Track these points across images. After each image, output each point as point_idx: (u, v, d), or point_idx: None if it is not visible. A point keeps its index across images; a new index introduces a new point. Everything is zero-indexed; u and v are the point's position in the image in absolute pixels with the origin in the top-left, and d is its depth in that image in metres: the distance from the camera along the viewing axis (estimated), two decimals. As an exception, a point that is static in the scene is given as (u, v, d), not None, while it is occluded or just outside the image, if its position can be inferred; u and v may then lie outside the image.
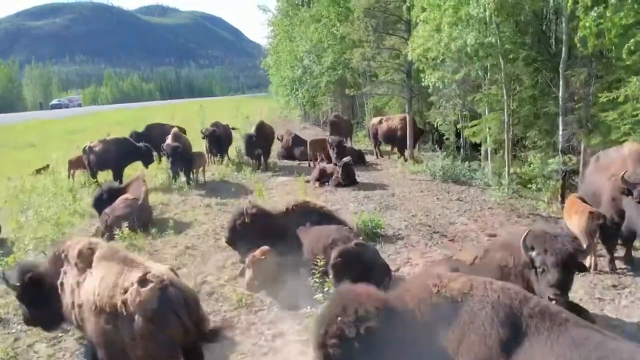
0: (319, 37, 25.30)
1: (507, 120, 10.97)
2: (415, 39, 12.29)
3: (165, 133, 18.06)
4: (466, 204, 10.54)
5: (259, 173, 15.10)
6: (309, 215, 7.31)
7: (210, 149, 17.04)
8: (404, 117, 17.04)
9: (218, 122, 18.09)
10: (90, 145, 14.41)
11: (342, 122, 20.59)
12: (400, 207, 10.45)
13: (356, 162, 15.99)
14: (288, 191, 12.64)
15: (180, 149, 13.38)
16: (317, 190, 12.54)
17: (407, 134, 16.28)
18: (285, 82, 36.59)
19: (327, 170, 13.05)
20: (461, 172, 12.79)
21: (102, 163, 14.23)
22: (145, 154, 14.28)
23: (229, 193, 12.86)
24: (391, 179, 13.49)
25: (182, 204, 12.04)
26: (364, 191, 12.03)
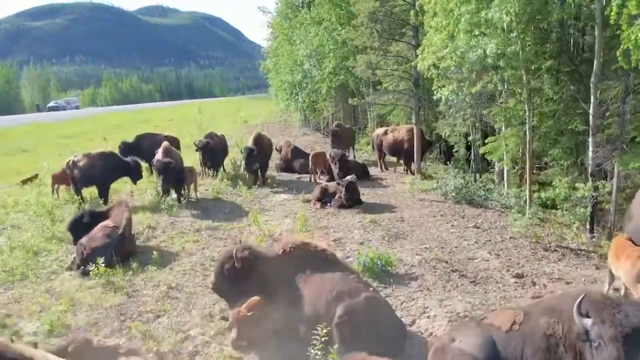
0: (319, 41, 24.25)
1: (529, 138, 9.89)
2: (425, 47, 11.22)
3: (156, 144, 17.03)
4: (485, 232, 9.46)
5: (255, 189, 14.02)
6: (309, 259, 6.22)
7: (204, 162, 15.99)
8: (410, 128, 15.97)
9: (213, 132, 17.03)
10: (74, 159, 13.35)
11: (344, 131, 19.50)
12: (411, 236, 9.37)
13: (360, 177, 14.94)
14: (287, 213, 11.57)
15: (172, 165, 12.33)
16: (318, 212, 11.46)
17: (415, 147, 15.21)
18: (284, 86, 35.57)
19: (329, 189, 11.98)
20: (475, 192, 11.70)
21: (87, 179, 13.17)
22: (133, 170, 13.23)
23: (222, 214, 11.79)
24: (399, 199, 12.41)
25: (170, 227, 10.97)
26: (370, 214, 10.95)
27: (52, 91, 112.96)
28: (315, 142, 27.46)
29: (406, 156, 16.07)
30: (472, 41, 9.08)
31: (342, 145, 19.26)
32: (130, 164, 12.87)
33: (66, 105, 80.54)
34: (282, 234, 9.82)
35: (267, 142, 15.41)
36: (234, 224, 10.84)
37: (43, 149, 28.04)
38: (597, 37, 8.35)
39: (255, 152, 13.99)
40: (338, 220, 10.68)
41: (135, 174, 13.20)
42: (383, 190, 13.46)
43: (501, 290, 6.95)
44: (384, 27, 14.18)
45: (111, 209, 9.63)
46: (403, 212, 11.00)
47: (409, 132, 15.90)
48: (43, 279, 8.43)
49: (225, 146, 17.10)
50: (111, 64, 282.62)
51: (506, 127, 11.29)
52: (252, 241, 9.30)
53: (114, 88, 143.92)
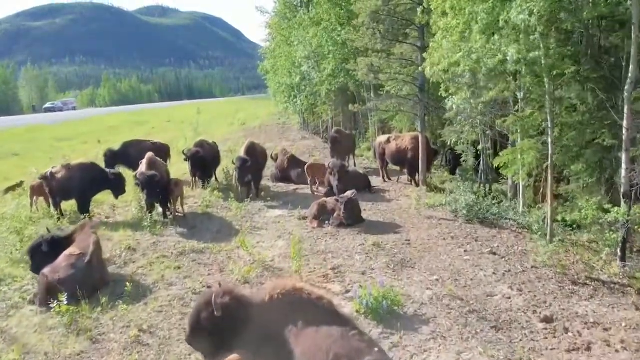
0: (318, 42, 23.17)
1: (550, 152, 8.81)
2: (434, 50, 10.15)
3: (144, 151, 15.97)
4: (503, 260, 8.37)
5: (248, 203, 12.95)
6: (302, 309, 5.14)
7: (194, 173, 14.91)
8: (415, 136, 14.89)
9: (204, 140, 15.95)
10: (52, 170, 12.30)
11: (344, 137, 18.42)
12: (419, 264, 8.29)
13: (361, 189, 13.89)
14: (280, 232, 10.48)
15: (156, 178, 11.26)
16: (315, 232, 10.37)
17: (420, 156, 14.14)
18: (283, 89, 34.51)
19: (327, 205, 10.90)
20: (488, 210, 10.61)
21: (65, 192, 12.13)
22: (114, 183, 12.17)
23: (210, 234, 10.72)
24: (404, 216, 11.32)
25: (151, 249, 9.90)
26: (373, 235, 9.86)
27: (51, 92, 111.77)
28: (315, 147, 26.39)
29: (410, 166, 14.98)
30: (488, 44, 8.00)
31: (342, 152, 18.24)
32: (110, 176, 11.76)
33: (63, 106, 79.44)
34: (273, 260, 8.75)
35: (260, 152, 14.32)
36: (222, 246, 9.76)
37: (35, 152, 27.03)
38: (633, 39, 7.27)
39: (248, 163, 12.92)
40: (337, 242, 9.59)
41: (116, 188, 12.14)
42: (386, 206, 12.36)
43: (529, 339, 5.87)
44: (387, 27, 13.08)
45: (75, 232, 8.53)
46: (409, 233, 9.91)
47: (413, 140, 14.83)
48: (1, 314, 7.40)
49: (217, 155, 16.02)
50: (111, 65, 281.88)
51: (522, 138, 10.20)
52: (240, 269, 8.26)
53: (112, 89, 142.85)
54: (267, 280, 7.83)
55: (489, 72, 8.62)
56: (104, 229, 11.21)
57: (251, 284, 7.80)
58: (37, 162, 20.88)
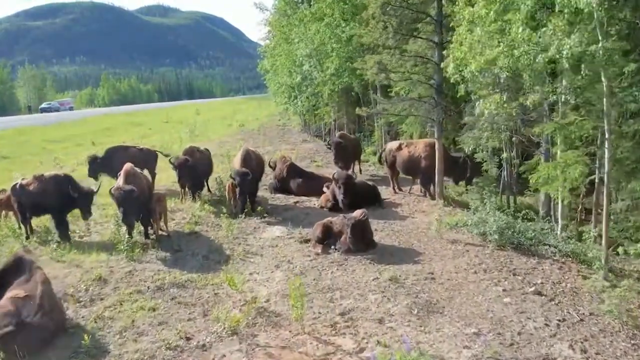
0: (321, 38, 21.57)
1: (607, 168, 7.23)
2: (457, 46, 8.57)
3: (129, 158, 14.48)
4: (553, 303, 6.77)
5: (242, 220, 11.38)
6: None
7: (183, 183, 13.33)
8: (430, 142, 13.30)
9: (194, 147, 14.34)
10: (21, 182, 10.71)
11: (349, 143, 16.83)
12: (449, 308, 6.69)
13: (370, 202, 12.34)
14: (278, 260, 8.86)
15: (134, 193, 9.68)
16: (319, 259, 8.77)
17: (436, 166, 12.55)
18: (283, 89, 32.93)
19: (333, 227, 9.29)
20: (523, 233, 8.99)
21: (37, 207, 10.55)
22: (79, 203, 10.46)
23: (195, 260, 9.12)
24: (422, 239, 9.72)
25: (125, 280, 8.31)
26: (388, 265, 8.28)
27: (49, 91, 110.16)
28: (316, 151, 24.79)
29: (424, 176, 13.39)
30: (536, 37, 6.41)
31: (346, 158, 16.68)
32: (71, 194, 10.12)
33: (60, 106, 77.69)
34: (269, 301, 7.16)
35: (257, 161, 12.71)
36: (209, 278, 8.17)
37: (25, 155, 25.48)
38: None
39: (249, 176, 11.35)
40: (346, 275, 7.99)
41: (83, 208, 10.44)
42: (401, 225, 10.75)
43: None
44: (400, 20, 11.48)
45: (8, 266, 6.89)
46: (432, 263, 8.31)
47: (427, 147, 13.24)
48: None
49: (209, 163, 14.40)
50: (111, 64, 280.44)
51: (565, 149, 8.62)
52: (228, 313, 6.67)
53: (111, 88, 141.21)
54: (261, 332, 6.25)
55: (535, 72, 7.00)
56: (74, 252, 9.63)
57: (240, 335, 6.22)
58: (26, 165, 19.39)
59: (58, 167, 18.56)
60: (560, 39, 6.11)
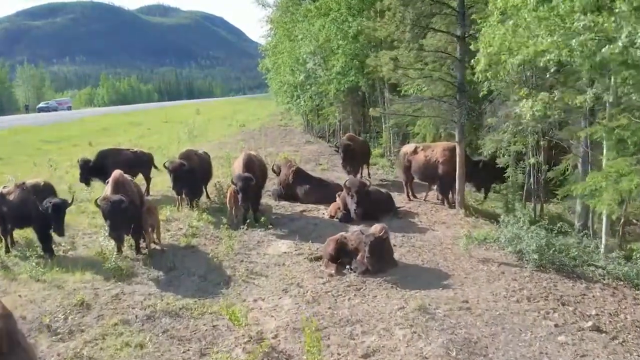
0: (326, 35, 20.47)
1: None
2: (490, 40, 7.47)
3: (122, 162, 13.43)
4: (615, 342, 5.65)
5: (244, 231, 10.29)
6: None
7: (178, 190, 12.23)
8: (449, 146, 12.21)
9: (191, 150, 13.22)
10: (1, 191, 9.63)
11: (358, 145, 15.73)
12: (493, 349, 5.58)
13: (384, 212, 11.26)
14: (286, 282, 7.73)
15: (123, 204, 8.58)
16: (333, 282, 7.66)
17: (457, 172, 11.45)
18: (285, 88, 31.84)
19: (347, 243, 8.18)
20: (566, 252, 7.87)
21: (18, 218, 9.46)
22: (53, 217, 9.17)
23: (192, 282, 8.02)
24: (448, 256, 8.61)
25: (110, 305, 7.22)
26: (413, 290, 7.16)
27: (48, 91, 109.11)
28: (321, 153, 23.66)
29: (442, 183, 12.29)
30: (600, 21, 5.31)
31: (355, 162, 15.60)
32: (40, 208, 8.91)
33: (58, 106, 76.58)
34: (277, 337, 6.06)
35: (259, 166, 11.59)
36: (207, 304, 7.07)
37: (19, 156, 24.39)
38: None
39: (252, 182, 10.26)
40: (366, 302, 6.87)
41: (54, 223, 9.11)
42: (421, 239, 9.64)
43: None
44: (418, 12, 10.37)
45: None
46: (464, 288, 7.20)
47: (446, 151, 12.14)
48: None
49: (208, 167, 13.30)
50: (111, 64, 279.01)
51: (615, 156, 7.52)
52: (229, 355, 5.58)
53: (111, 88, 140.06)
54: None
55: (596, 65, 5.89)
56: (57, 269, 8.56)
57: (244, 386, 5.14)
58: (20, 167, 18.32)
59: (52, 169, 17.51)
60: (635, 25, 5.03)
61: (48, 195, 9.38)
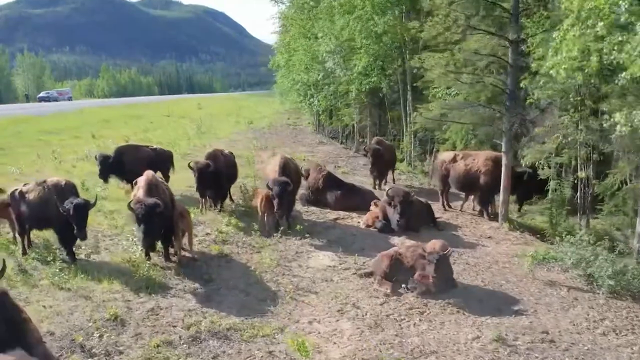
0: (350, 33, 19.79)
1: None
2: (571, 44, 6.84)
3: (140, 159, 12.82)
4: None
5: (278, 239, 9.63)
6: None
7: (203, 192, 11.55)
8: (492, 156, 11.61)
9: (218, 150, 12.52)
10: (21, 189, 8.85)
11: (387, 150, 15.13)
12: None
13: (424, 221, 10.66)
14: (339, 301, 7.04)
15: (158, 208, 7.89)
16: (391, 304, 6.98)
17: (502, 184, 10.84)
18: (297, 87, 31.16)
19: (403, 260, 7.53)
20: None
21: (38, 219, 8.70)
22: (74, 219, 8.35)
23: (234, 297, 7.31)
24: (508, 276, 7.98)
25: (148, 322, 6.53)
26: (484, 317, 6.53)
27: (47, 80, 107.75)
28: (337, 155, 23.03)
29: (483, 194, 11.69)
30: None
31: (383, 167, 15.08)
32: (61, 209, 8.16)
33: (58, 96, 75.42)
34: (347, 369, 5.41)
35: (295, 170, 10.93)
36: (256, 325, 6.39)
37: (20, 147, 23.60)
38: None
39: (290, 187, 9.62)
40: (435, 330, 6.22)
41: (76, 225, 8.26)
42: (473, 256, 9.01)
43: None
44: (472, 13, 9.73)
45: None
46: (540, 316, 6.56)
47: (488, 161, 11.53)
48: None
49: (233, 168, 12.62)
50: (111, 55, 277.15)
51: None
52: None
53: (111, 80, 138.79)
54: None
55: None
56: (81, 277, 7.85)
57: None
58: (22, 158, 17.55)
59: (56, 161, 16.75)
60: None
61: (70, 195, 8.65)
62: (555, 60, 7.12)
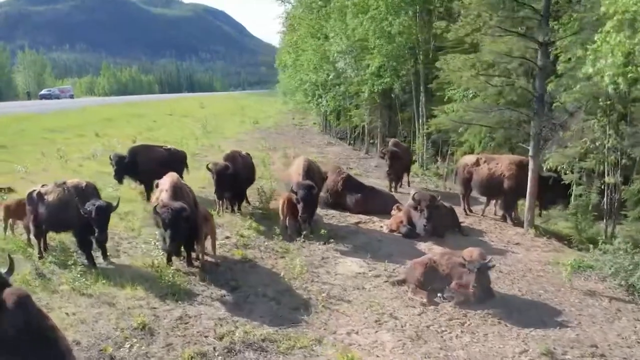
0: (364, 32, 19.54)
1: None
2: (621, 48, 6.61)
3: (154, 159, 12.57)
4: None
5: (301, 243, 9.40)
6: None
7: (221, 194, 11.28)
8: (516, 160, 11.39)
9: (236, 151, 12.29)
10: (39, 190, 8.56)
11: (404, 152, 14.94)
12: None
13: (448, 226, 10.44)
14: (376, 313, 6.72)
15: (185, 213, 7.63)
16: (429, 314, 6.74)
17: (528, 189, 10.60)
18: (305, 86, 30.91)
19: (438, 268, 7.28)
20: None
21: (57, 221, 8.41)
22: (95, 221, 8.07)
23: (264, 304, 7.05)
24: (546, 285, 7.74)
25: (177, 332, 6.27)
26: (526, 328, 6.30)
27: (48, 78, 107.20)
28: (347, 156, 22.80)
29: (507, 199, 11.46)
30: None
31: (400, 169, 14.88)
32: (82, 211, 7.88)
33: (60, 93, 74.97)
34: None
35: (318, 174, 10.69)
36: (292, 334, 6.15)
37: (24, 145, 23.31)
38: None
39: (315, 191, 9.39)
40: (479, 342, 5.97)
41: (97, 229, 7.96)
42: (504, 263, 8.76)
43: None
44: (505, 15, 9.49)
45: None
46: (585, 329, 6.33)
47: (513, 165, 11.30)
48: None
49: (251, 170, 12.38)
50: (111, 53, 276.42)
51: None
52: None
53: (112, 78, 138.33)
54: None
55: None
56: (103, 282, 7.59)
57: None
58: (26, 156, 17.26)
59: (62, 160, 16.46)
60: None
61: (91, 197, 8.38)
62: (599, 66, 6.88)
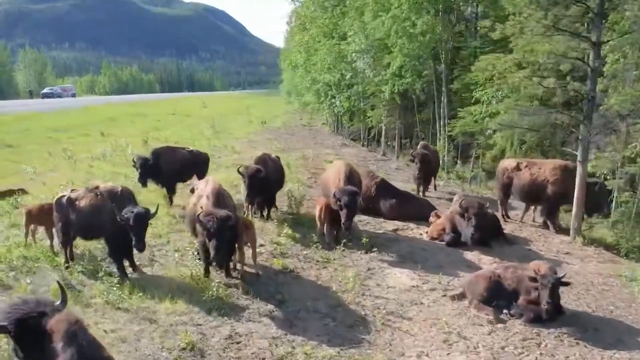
0: (387, 31, 19.06)
1: None
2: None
3: (177, 161, 12.12)
4: None
5: (342, 254, 8.91)
6: None
7: (252, 199, 10.77)
8: (560, 164, 10.91)
9: (267, 154, 11.77)
10: (69, 196, 8.01)
11: (433, 156, 14.46)
12: None
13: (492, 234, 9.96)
14: (442, 331, 6.24)
15: (230, 222, 7.12)
16: (500, 334, 6.25)
17: (576, 196, 10.12)
18: (317, 87, 30.40)
19: (503, 283, 6.78)
20: None
21: (88, 228, 7.88)
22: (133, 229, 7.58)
23: (317, 321, 6.57)
24: (613, 300, 7.27)
25: (229, 354, 5.82)
26: (607, 350, 5.83)
27: (49, 77, 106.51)
28: (365, 158, 22.27)
29: (550, 205, 10.98)
30: None
31: (429, 173, 14.37)
32: (119, 218, 7.36)
33: (62, 92, 74.36)
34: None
35: (358, 179, 10.18)
36: (357, 356, 5.68)
37: (30, 144, 22.79)
38: None
39: (358, 197, 8.91)
40: (561, 367, 5.53)
41: (135, 237, 7.45)
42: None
43: None
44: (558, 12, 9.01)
45: None
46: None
47: (557, 170, 10.81)
48: None
49: (281, 173, 11.89)
50: (111, 52, 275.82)
51: None
52: None
53: (113, 76, 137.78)
54: None
55: None
56: (139, 295, 7.08)
57: None
58: (33, 156, 16.77)
59: (70, 160, 15.96)
60: None
61: (128, 203, 7.87)
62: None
